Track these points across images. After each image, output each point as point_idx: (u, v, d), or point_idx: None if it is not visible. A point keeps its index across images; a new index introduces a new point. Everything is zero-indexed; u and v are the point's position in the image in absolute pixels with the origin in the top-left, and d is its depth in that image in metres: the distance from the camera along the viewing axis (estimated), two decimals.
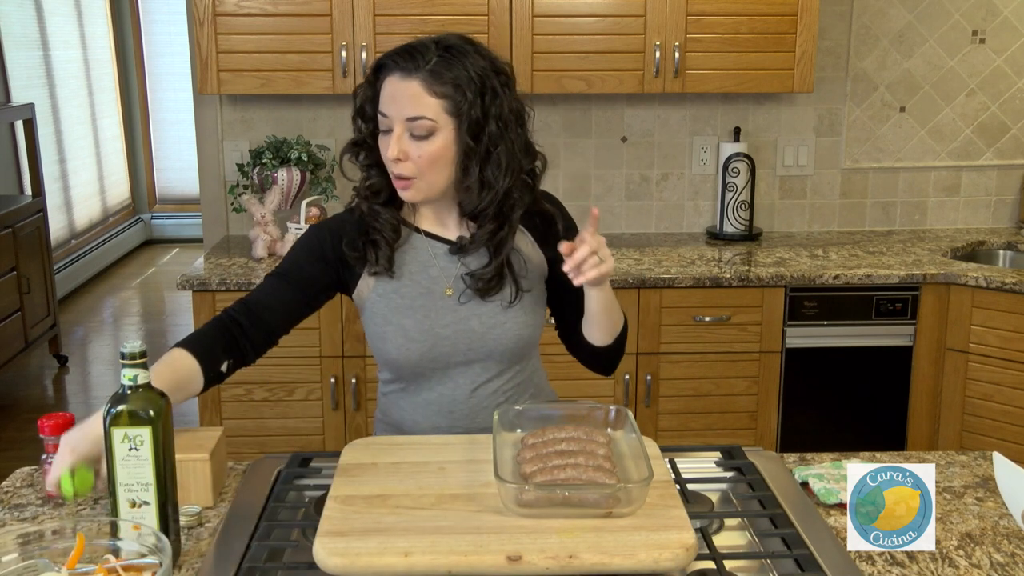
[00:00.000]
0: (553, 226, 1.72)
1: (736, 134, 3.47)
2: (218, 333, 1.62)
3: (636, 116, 3.49)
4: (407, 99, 1.54)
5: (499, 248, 1.64)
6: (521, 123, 1.62)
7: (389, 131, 1.57)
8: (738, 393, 3.04)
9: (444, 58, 1.54)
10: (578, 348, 1.76)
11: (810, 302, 2.99)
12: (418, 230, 1.70)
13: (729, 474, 1.60)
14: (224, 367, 1.61)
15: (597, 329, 1.68)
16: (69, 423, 1.51)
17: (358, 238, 1.67)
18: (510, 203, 1.62)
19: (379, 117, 1.58)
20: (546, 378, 1.85)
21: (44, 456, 1.52)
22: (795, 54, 3.10)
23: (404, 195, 1.61)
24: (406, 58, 1.55)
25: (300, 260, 1.70)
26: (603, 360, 1.75)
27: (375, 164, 1.65)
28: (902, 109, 3.56)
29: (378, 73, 1.59)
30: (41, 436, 1.52)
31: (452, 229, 1.70)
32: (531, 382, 1.77)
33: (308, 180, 3.22)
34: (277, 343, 1.73)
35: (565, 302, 1.74)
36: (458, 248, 1.67)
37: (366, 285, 1.69)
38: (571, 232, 1.75)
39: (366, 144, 1.64)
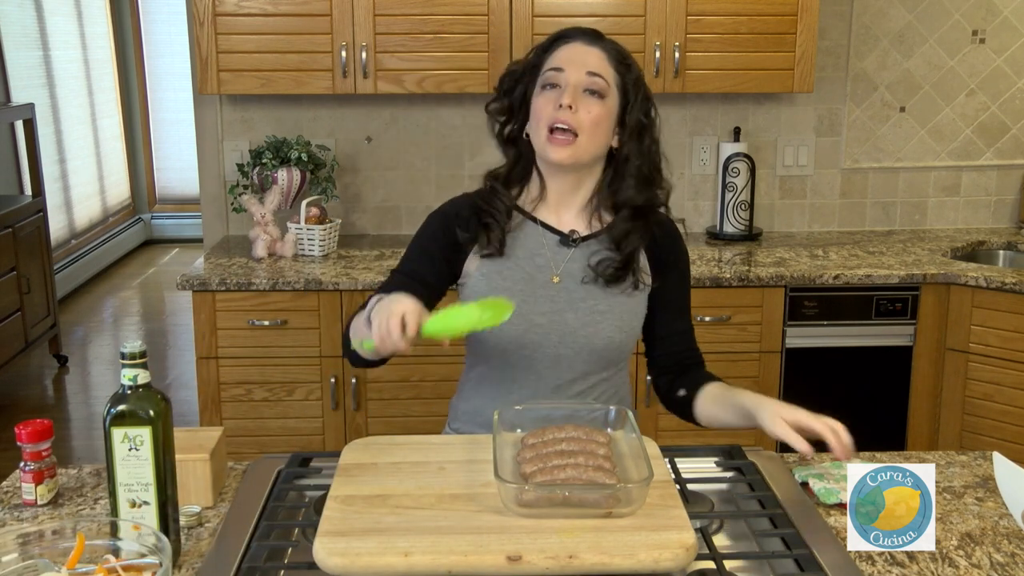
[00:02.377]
0: (670, 254, 1.76)
1: (736, 134, 3.47)
2: None
3: None
4: (592, 59, 1.64)
5: (626, 241, 1.68)
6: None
7: (554, 86, 1.63)
8: None
9: (619, 47, 1.69)
10: (665, 387, 1.79)
11: (810, 302, 3.00)
12: (534, 219, 1.72)
13: (729, 474, 1.60)
14: None
15: (720, 417, 1.67)
16: (47, 430, 1.50)
17: (471, 220, 1.71)
18: (650, 204, 1.70)
19: (548, 74, 1.64)
20: (630, 395, 1.85)
21: (22, 463, 1.50)
22: (795, 54, 3.10)
23: (558, 154, 1.63)
24: (590, 32, 1.67)
25: (418, 260, 1.73)
26: (681, 413, 1.77)
27: (515, 140, 1.70)
28: (902, 109, 3.56)
29: (554, 42, 1.67)
30: (18, 444, 1.50)
31: (567, 221, 1.73)
32: (616, 395, 1.77)
33: (308, 180, 3.22)
34: None
35: (651, 321, 1.78)
36: (569, 241, 1.71)
37: (472, 264, 1.72)
38: (684, 268, 1.80)
39: (516, 110, 1.69)
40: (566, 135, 1.61)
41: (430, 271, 1.72)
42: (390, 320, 1.38)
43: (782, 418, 1.49)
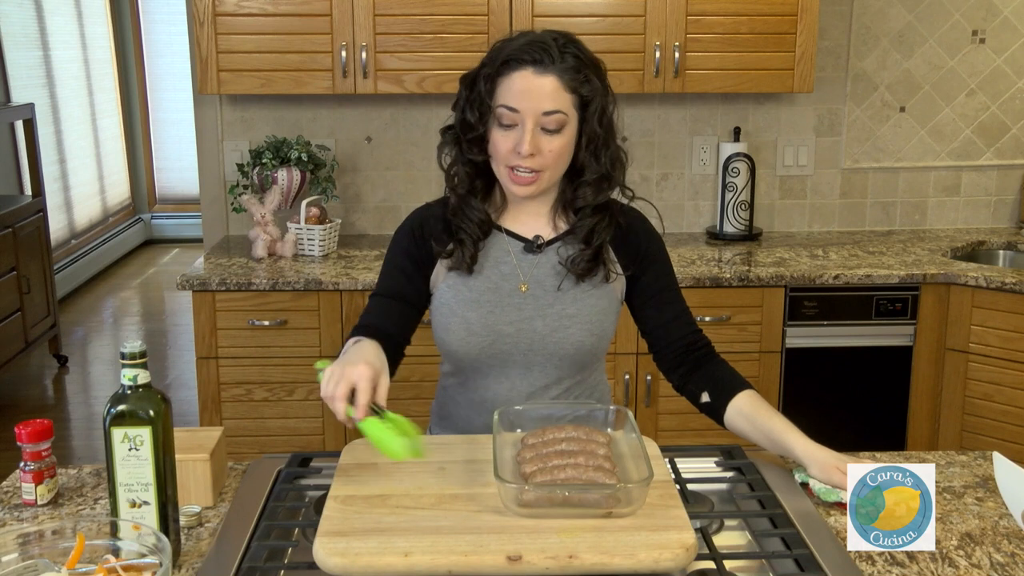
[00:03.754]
0: (638, 244, 1.72)
1: (736, 134, 3.47)
2: None
3: (636, 116, 3.49)
4: (545, 94, 1.56)
5: (594, 236, 1.65)
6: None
7: (512, 126, 1.57)
8: None
9: (573, 54, 1.58)
10: (679, 382, 1.74)
11: (810, 302, 2.99)
12: (498, 227, 1.70)
13: (729, 474, 1.60)
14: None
15: (750, 436, 1.62)
16: (47, 430, 1.50)
17: (445, 235, 1.68)
18: (608, 198, 1.66)
19: (501, 111, 1.58)
20: (609, 394, 1.83)
21: (22, 463, 1.50)
22: (795, 54, 3.10)
23: (524, 190, 1.61)
24: (539, 53, 1.56)
25: (394, 277, 1.71)
26: (703, 411, 1.71)
27: (478, 155, 1.64)
28: (902, 109, 3.56)
29: (502, 66, 1.59)
30: (18, 444, 1.49)
31: (531, 226, 1.70)
32: (591, 397, 1.76)
33: (308, 180, 3.22)
34: (404, 353, 1.74)
35: (643, 315, 1.75)
36: (534, 247, 1.69)
37: (439, 274, 1.70)
38: (659, 254, 1.73)
39: (477, 131, 1.62)
40: (529, 173, 1.59)
41: (409, 289, 1.70)
42: (339, 387, 1.37)
43: (838, 469, 1.48)
